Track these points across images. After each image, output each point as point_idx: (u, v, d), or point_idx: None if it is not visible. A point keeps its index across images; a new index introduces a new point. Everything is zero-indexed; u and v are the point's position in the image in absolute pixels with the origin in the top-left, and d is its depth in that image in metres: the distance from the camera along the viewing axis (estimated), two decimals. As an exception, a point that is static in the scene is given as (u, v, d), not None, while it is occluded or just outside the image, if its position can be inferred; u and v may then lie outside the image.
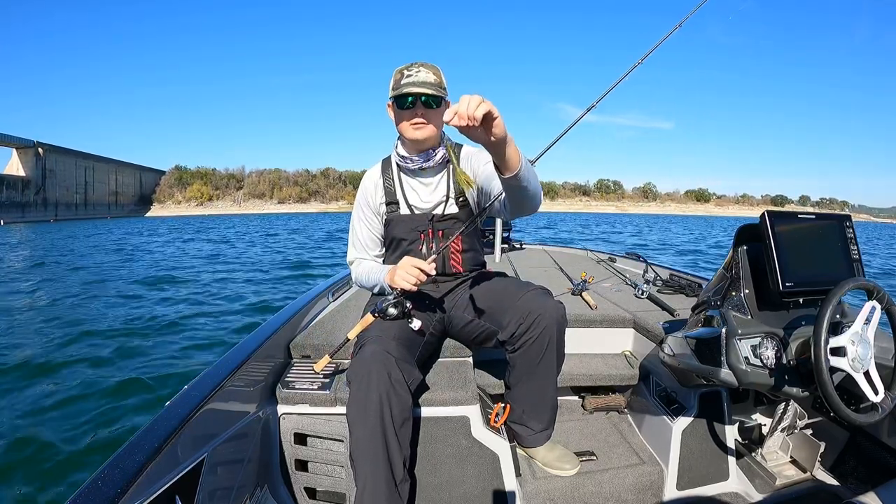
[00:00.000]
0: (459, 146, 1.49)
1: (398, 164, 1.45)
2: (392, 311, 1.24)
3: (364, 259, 1.53)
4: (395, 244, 1.50)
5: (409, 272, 1.22)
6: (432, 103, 1.30)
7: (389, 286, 1.31)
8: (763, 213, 1.19)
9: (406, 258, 1.26)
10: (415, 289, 1.23)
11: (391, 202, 1.46)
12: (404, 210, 1.46)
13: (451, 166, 1.44)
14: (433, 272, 1.23)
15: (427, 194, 1.46)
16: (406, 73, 1.28)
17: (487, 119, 0.88)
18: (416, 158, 1.39)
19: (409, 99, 1.28)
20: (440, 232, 1.44)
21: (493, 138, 0.92)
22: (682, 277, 2.39)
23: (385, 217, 1.48)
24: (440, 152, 1.40)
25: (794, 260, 1.17)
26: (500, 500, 1.31)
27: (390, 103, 1.35)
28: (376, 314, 1.26)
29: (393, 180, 1.46)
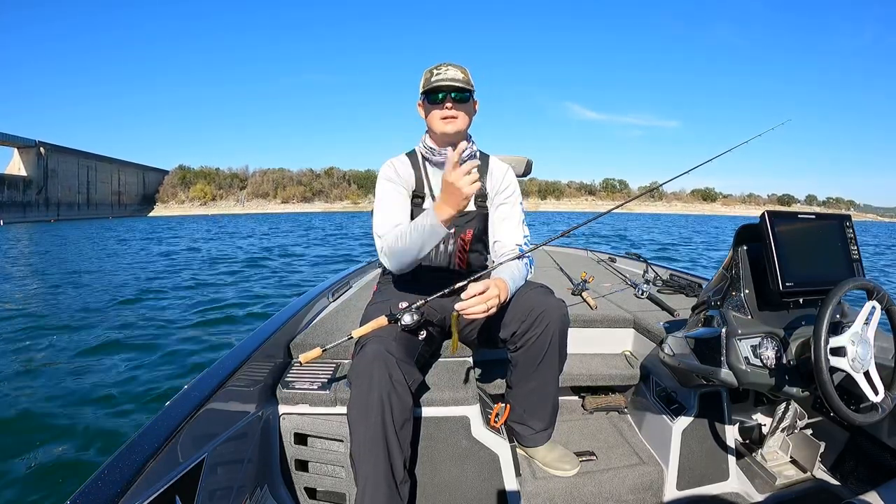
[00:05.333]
0: (486, 155, 1.52)
1: (423, 156, 1.48)
2: (408, 319, 1.22)
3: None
4: None
5: (460, 182, 1.07)
6: (462, 97, 1.35)
7: (442, 224, 1.16)
8: (763, 213, 1.19)
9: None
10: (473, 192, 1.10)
11: (418, 195, 1.47)
12: (429, 204, 1.46)
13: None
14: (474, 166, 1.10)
15: None
16: (436, 71, 1.35)
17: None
18: (444, 151, 1.42)
19: (441, 95, 1.33)
20: (453, 228, 1.45)
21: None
22: (682, 277, 2.39)
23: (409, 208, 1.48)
24: (467, 148, 1.42)
25: (794, 260, 1.16)
26: (500, 501, 1.31)
27: (420, 102, 1.40)
28: (392, 321, 1.24)
29: (421, 172, 1.48)
